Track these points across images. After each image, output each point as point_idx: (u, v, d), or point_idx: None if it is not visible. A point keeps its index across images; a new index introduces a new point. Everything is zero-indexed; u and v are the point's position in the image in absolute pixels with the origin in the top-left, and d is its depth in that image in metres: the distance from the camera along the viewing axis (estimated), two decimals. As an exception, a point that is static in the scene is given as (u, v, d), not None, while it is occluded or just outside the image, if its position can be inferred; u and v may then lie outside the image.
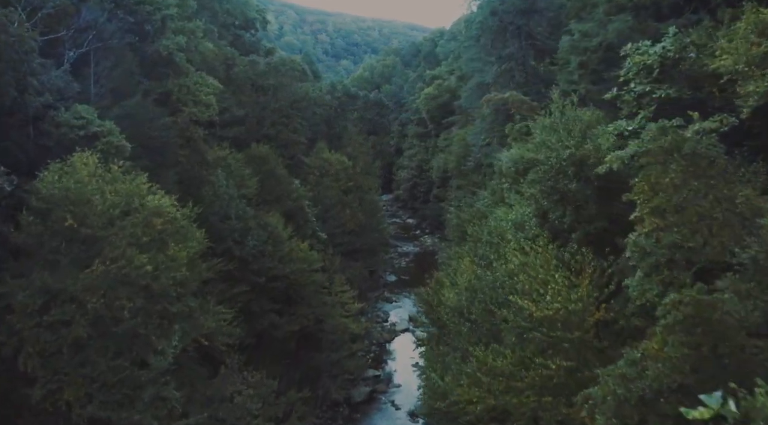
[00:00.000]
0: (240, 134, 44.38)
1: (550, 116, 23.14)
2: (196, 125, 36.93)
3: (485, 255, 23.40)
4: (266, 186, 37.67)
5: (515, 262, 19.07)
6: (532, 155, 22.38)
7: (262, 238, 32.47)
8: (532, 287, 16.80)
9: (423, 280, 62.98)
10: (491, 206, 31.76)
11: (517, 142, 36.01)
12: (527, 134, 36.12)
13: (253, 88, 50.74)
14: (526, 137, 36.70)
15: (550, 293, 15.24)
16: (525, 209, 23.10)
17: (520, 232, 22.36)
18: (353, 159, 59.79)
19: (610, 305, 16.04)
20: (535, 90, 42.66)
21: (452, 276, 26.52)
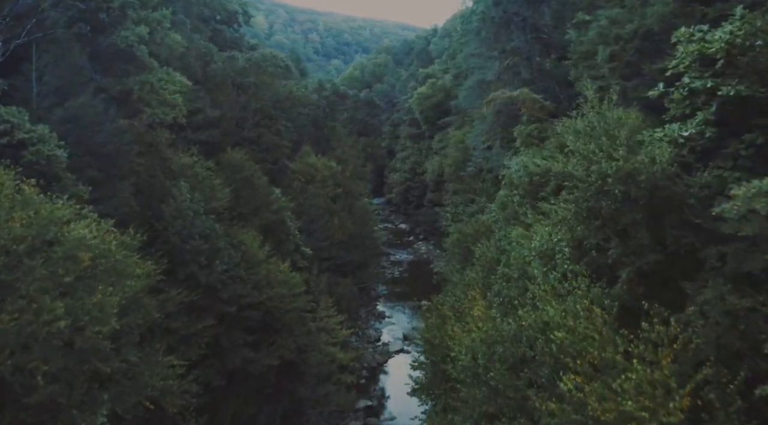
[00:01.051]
0: (215, 137, 39.22)
1: (581, 118, 18.22)
2: (162, 128, 31.83)
3: (503, 293, 18.50)
4: (242, 197, 32.58)
5: (549, 312, 14.21)
6: (562, 167, 17.48)
7: (234, 260, 27.41)
8: (583, 362, 11.89)
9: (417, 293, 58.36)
10: (501, 223, 26.84)
11: (528, 147, 31.16)
12: (540, 138, 31.29)
13: (234, 87, 45.61)
14: (538, 142, 31.87)
15: (623, 384, 10.33)
16: (551, 234, 18.19)
17: (548, 264, 17.48)
18: (342, 163, 54.80)
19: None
20: (542, 88, 37.77)
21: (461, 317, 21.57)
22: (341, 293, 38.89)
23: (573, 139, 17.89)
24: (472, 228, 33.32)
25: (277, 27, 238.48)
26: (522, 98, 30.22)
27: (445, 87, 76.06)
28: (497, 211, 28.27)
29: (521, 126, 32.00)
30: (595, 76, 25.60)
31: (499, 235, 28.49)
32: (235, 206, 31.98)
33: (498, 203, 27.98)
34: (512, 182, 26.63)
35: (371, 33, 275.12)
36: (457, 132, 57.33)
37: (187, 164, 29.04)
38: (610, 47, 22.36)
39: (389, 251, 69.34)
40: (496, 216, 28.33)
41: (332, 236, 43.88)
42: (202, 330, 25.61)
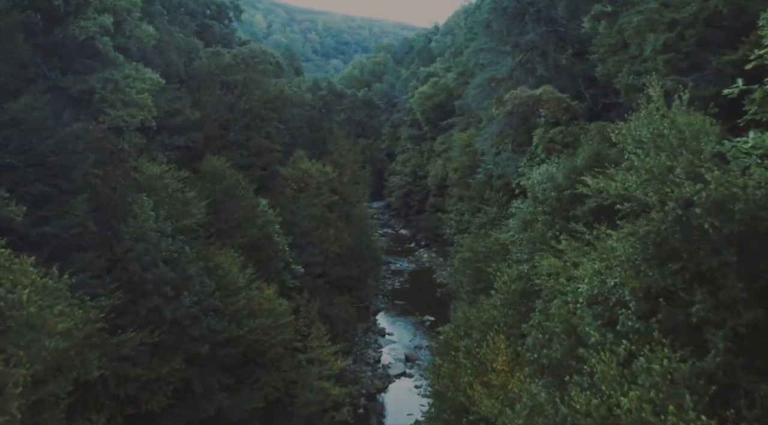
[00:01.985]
0: (196, 142, 34.81)
1: (643, 123, 13.78)
2: (131, 133, 27.44)
3: (542, 352, 14.08)
4: (222, 211, 28.17)
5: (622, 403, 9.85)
6: (619, 187, 13.08)
7: (207, 289, 23.00)
8: None
9: (420, 306, 54.01)
10: (524, 245, 22.40)
11: (550, 154, 26.72)
12: (563, 144, 26.84)
13: (223, 86, 41.18)
14: (561, 147, 27.42)
15: None
16: (604, 275, 13.76)
17: (602, 315, 13.07)
18: (340, 167, 50.32)
19: None
20: (559, 86, 33.28)
21: (480, 370, 17.15)
22: (337, 315, 34.48)
23: (635, 150, 13.48)
24: (485, 245, 28.90)
25: (276, 26, 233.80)
26: (545, 97, 25.77)
27: (448, 86, 71.62)
28: (516, 229, 23.81)
29: (541, 129, 27.55)
30: (638, 71, 21.20)
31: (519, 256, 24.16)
32: (213, 221, 27.56)
33: (517, 221, 23.52)
34: (536, 196, 22.18)
35: (370, 32, 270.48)
36: (462, 134, 52.89)
37: (155, 174, 24.56)
38: (664, 35, 17.96)
39: (389, 260, 64.90)
40: (515, 236, 23.88)
41: (328, 250, 39.46)
42: (168, 374, 21.23)
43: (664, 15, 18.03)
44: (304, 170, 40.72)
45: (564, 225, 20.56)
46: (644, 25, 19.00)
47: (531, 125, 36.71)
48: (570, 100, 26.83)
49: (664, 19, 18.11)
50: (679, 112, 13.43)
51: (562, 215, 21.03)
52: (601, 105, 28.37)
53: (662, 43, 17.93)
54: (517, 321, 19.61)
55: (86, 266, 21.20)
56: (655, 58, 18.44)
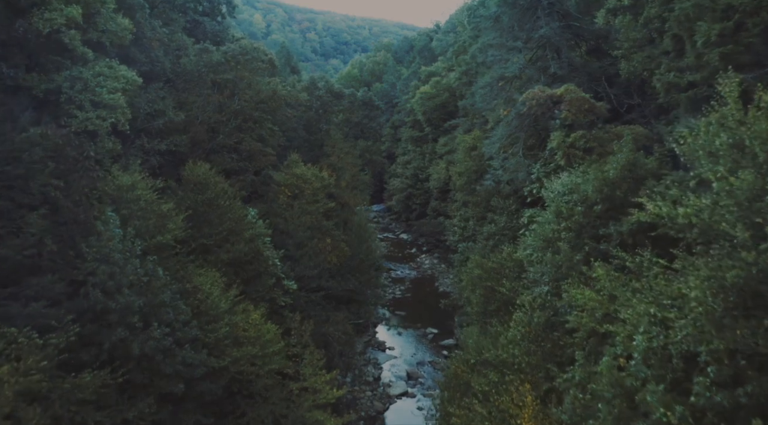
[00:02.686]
0: (181, 146, 31.80)
1: (715, 131, 10.79)
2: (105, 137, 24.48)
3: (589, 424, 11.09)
4: (204, 224, 25.17)
5: None
6: (690, 215, 10.11)
7: (184, 316, 20.01)
8: None
9: (422, 318, 50.98)
10: (546, 269, 19.40)
11: (571, 160, 23.73)
12: (587, 151, 23.82)
13: (213, 86, 38.18)
14: (582, 154, 24.42)
15: None
16: (664, 322, 10.78)
17: (663, 380, 10.11)
18: (338, 170, 47.36)
19: None
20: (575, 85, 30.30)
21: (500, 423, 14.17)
22: (333, 334, 31.48)
23: (708, 164, 10.49)
24: (496, 261, 25.91)
25: (275, 26, 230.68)
26: (568, 97, 22.76)
27: (450, 86, 68.61)
28: (536, 246, 20.79)
29: (559, 133, 24.54)
30: (680, 67, 18.21)
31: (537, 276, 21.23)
32: (194, 236, 24.55)
33: (537, 238, 20.50)
34: (559, 210, 19.17)
35: (370, 32, 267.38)
36: (466, 136, 49.82)
37: (123, 185, 21.53)
38: (719, 25, 14.96)
39: (390, 266, 61.92)
40: (533, 254, 20.87)
41: (324, 262, 36.44)
42: (137, 418, 18.24)
43: (716, 1, 15.03)
44: (299, 175, 37.68)
45: (594, 246, 17.57)
46: (692, 13, 15.96)
47: (541, 127, 33.82)
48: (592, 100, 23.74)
49: (717, 5, 15.11)
50: (763, 118, 10.43)
51: (592, 234, 18.03)
52: (626, 106, 25.37)
53: (717, 34, 14.91)
54: (542, 359, 16.63)
55: (42, 292, 18.27)
56: (708, 53, 15.38)
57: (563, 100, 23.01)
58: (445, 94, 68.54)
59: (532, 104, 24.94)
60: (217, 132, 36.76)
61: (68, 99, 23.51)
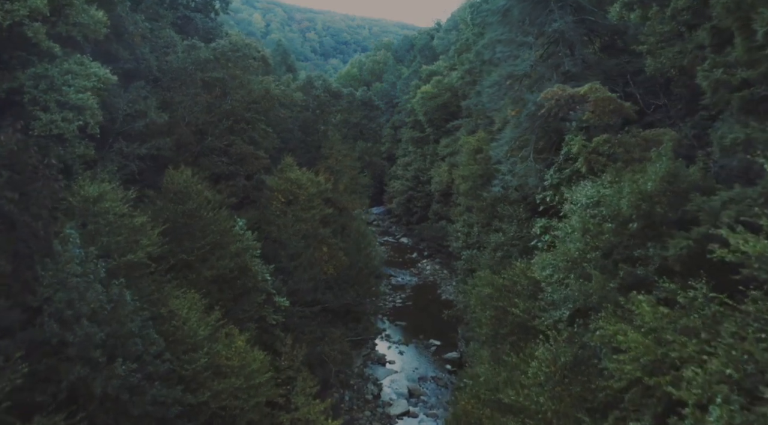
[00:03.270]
0: (165, 149, 29.17)
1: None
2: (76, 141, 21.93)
3: None
4: (185, 238, 22.57)
5: None
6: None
7: (155, 348, 17.42)
8: None
9: (424, 328, 48.37)
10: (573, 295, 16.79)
11: (593, 167, 21.12)
12: (611, 157, 21.18)
13: (203, 85, 35.55)
14: (605, 160, 21.80)
15: None
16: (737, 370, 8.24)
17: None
18: (335, 173, 44.86)
19: None
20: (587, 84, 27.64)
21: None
22: (329, 354, 28.89)
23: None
24: (508, 277, 23.29)
25: (274, 25, 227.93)
26: (594, 96, 20.12)
27: (452, 85, 66.02)
28: (557, 265, 18.18)
29: (580, 137, 21.91)
30: (727, 63, 15.61)
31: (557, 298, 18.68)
32: (174, 251, 21.94)
33: (559, 257, 17.89)
34: (586, 227, 16.56)
35: (370, 32, 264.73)
36: (470, 138, 47.18)
37: (92, 196, 18.92)
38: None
39: (390, 273, 59.34)
40: (554, 275, 18.26)
41: (321, 273, 33.88)
42: (97, 468, 15.65)
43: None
44: (293, 180, 35.09)
45: (629, 271, 14.95)
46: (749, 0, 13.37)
47: (553, 129, 31.23)
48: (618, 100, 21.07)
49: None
50: None
51: (625, 256, 15.42)
52: (653, 107, 22.75)
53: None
54: (570, 405, 14.03)
55: (-11, 322, 15.71)
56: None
57: (587, 100, 20.38)
58: (447, 93, 65.94)
59: (551, 105, 22.30)
60: (206, 134, 34.17)
61: (32, 99, 20.90)
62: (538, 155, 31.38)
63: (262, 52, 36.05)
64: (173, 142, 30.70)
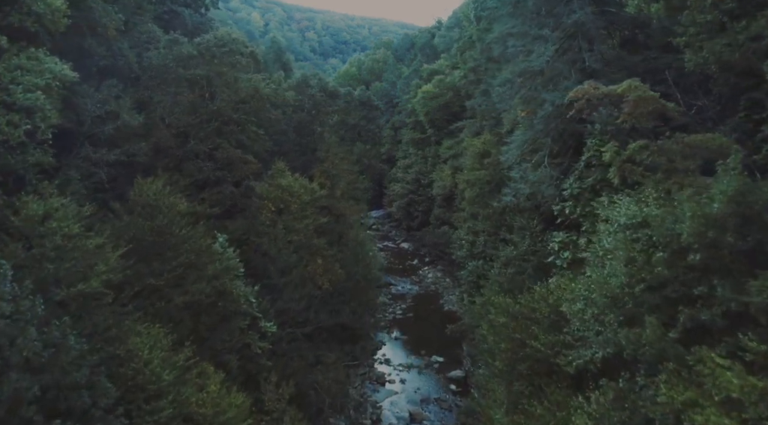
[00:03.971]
0: (140, 155, 26.06)
1: None
2: (29, 147, 18.79)
3: None
4: (154, 260, 19.42)
5: None
6: None
7: (106, 400, 14.29)
8: None
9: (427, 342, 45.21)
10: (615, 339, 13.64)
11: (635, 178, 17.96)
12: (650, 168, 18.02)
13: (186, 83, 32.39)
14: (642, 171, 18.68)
15: None
16: None
17: None
18: (332, 178, 41.70)
19: None
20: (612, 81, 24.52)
21: None
22: (323, 383, 25.76)
23: None
24: (526, 304, 20.14)
25: (274, 25, 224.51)
26: (633, 96, 16.98)
27: (455, 85, 62.90)
28: (591, 299, 15.05)
29: (612, 144, 18.75)
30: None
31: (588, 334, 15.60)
32: (140, 275, 18.80)
33: (595, 288, 14.73)
34: (631, 256, 13.43)
35: (370, 32, 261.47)
36: (475, 140, 44.07)
37: (36, 215, 15.77)
38: None
39: (390, 280, 56.16)
40: (587, 310, 15.13)
41: (314, 289, 30.72)
42: None
43: None
44: (285, 187, 31.95)
45: (691, 315, 11.83)
46: None
47: (569, 132, 28.11)
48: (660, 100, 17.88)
49: None
50: None
51: (684, 295, 12.29)
52: (694, 108, 19.59)
53: None
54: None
55: None
56: None
57: (625, 99, 17.24)
58: (449, 93, 62.83)
59: (581, 105, 19.15)
60: (190, 137, 31.02)
61: (-28, 99, 17.83)
62: (552, 160, 28.29)
63: (251, 48, 32.90)
64: (150, 146, 27.60)
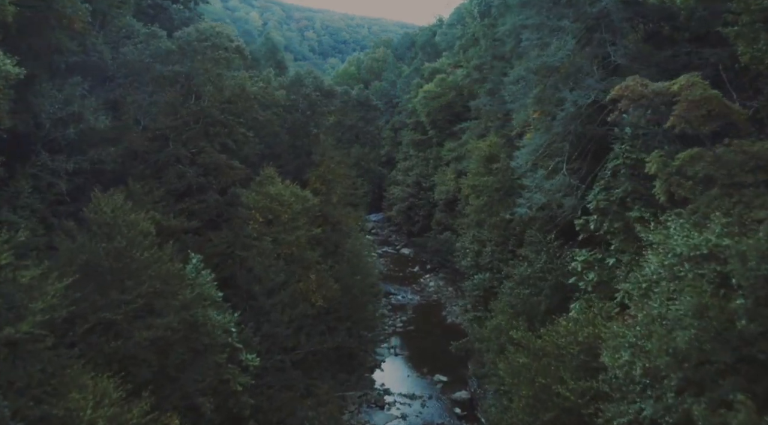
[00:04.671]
0: (109, 161, 22.94)
1: None
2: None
3: None
4: (111, 289, 16.26)
5: None
6: None
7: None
8: None
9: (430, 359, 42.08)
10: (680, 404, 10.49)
11: (684, 194, 14.77)
12: (703, 181, 14.86)
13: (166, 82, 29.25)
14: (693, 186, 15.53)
15: None
16: None
17: None
18: (327, 183, 38.61)
19: None
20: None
21: None
22: (313, 420, 22.61)
23: None
24: (551, 341, 17.00)
25: (272, 24, 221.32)
26: (688, 96, 13.85)
27: (457, 84, 59.76)
28: (644, 350, 11.93)
29: (657, 152, 15.59)
30: None
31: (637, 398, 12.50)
32: (95, 307, 15.67)
33: (656, 342, 11.58)
34: (704, 303, 10.30)
35: (369, 31, 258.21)
36: (481, 143, 40.93)
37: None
38: None
39: (389, 290, 52.98)
40: (636, 363, 12.00)
41: (308, 307, 27.60)
42: None
43: None
44: (274, 195, 28.81)
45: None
46: None
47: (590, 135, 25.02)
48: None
49: None
50: None
51: None
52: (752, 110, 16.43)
53: None
54: None
55: None
56: None
57: (679, 98, 14.11)
58: (452, 93, 59.67)
59: (625, 105, 16.02)
60: (165, 141, 27.89)
61: None
62: (568, 167, 25.20)
63: (237, 43, 29.68)
64: (121, 151, 24.48)
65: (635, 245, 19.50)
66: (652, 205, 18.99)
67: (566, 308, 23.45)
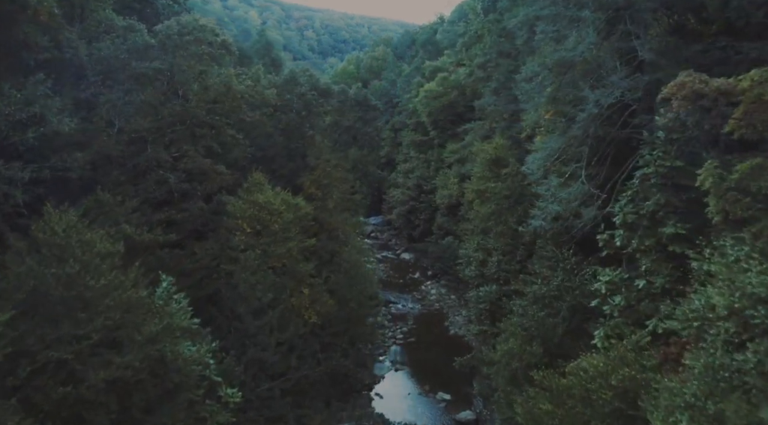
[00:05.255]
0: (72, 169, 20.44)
1: None
2: None
3: None
4: (63, 321, 13.74)
5: None
6: None
7: None
8: None
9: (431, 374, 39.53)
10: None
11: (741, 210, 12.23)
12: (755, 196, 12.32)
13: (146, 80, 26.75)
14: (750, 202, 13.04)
15: None
16: None
17: None
18: (324, 188, 36.14)
19: None
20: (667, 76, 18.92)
21: None
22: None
23: None
24: (579, 384, 14.45)
25: (272, 23, 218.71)
26: (753, 95, 11.37)
27: (460, 83, 57.26)
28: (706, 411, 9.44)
29: (711, 162, 13.07)
30: None
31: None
32: (44, 343, 13.16)
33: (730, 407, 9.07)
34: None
35: (369, 31, 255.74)
36: (487, 145, 38.32)
37: None
38: None
39: (389, 298, 50.46)
40: None
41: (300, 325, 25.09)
42: None
43: None
44: (263, 204, 26.30)
45: None
46: None
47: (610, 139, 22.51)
48: None
49: None
50: None
51: None
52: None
53: None
54: None
55: None
56: None
57: (742, 98, 11.61)
58: (454, 92, 57.15)
59: (681, 105, 13.50)
60: (148, 143, 25.39)
61: None
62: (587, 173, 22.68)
63: (223, 38, 27.15)
64: (90, 157, 21.96)
65: (669, 266, 17.03)
66: (689, 220, 16.52)
67: (585, 331, 20.96)
